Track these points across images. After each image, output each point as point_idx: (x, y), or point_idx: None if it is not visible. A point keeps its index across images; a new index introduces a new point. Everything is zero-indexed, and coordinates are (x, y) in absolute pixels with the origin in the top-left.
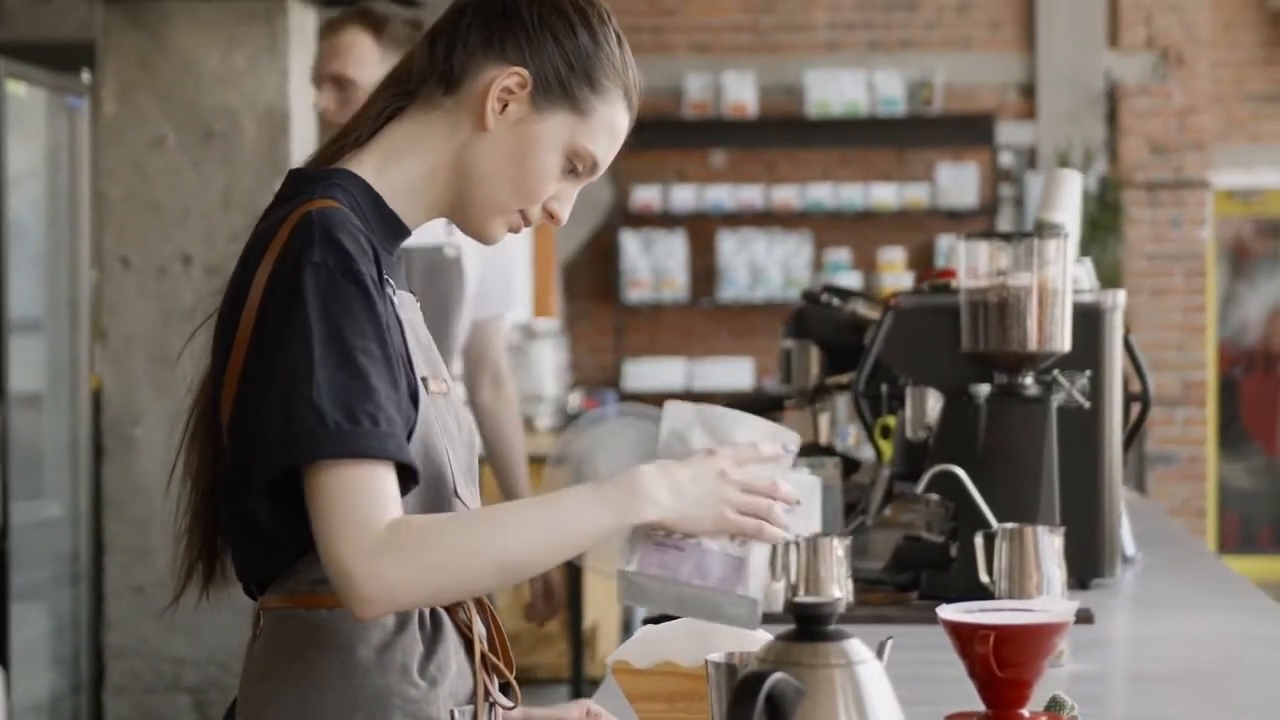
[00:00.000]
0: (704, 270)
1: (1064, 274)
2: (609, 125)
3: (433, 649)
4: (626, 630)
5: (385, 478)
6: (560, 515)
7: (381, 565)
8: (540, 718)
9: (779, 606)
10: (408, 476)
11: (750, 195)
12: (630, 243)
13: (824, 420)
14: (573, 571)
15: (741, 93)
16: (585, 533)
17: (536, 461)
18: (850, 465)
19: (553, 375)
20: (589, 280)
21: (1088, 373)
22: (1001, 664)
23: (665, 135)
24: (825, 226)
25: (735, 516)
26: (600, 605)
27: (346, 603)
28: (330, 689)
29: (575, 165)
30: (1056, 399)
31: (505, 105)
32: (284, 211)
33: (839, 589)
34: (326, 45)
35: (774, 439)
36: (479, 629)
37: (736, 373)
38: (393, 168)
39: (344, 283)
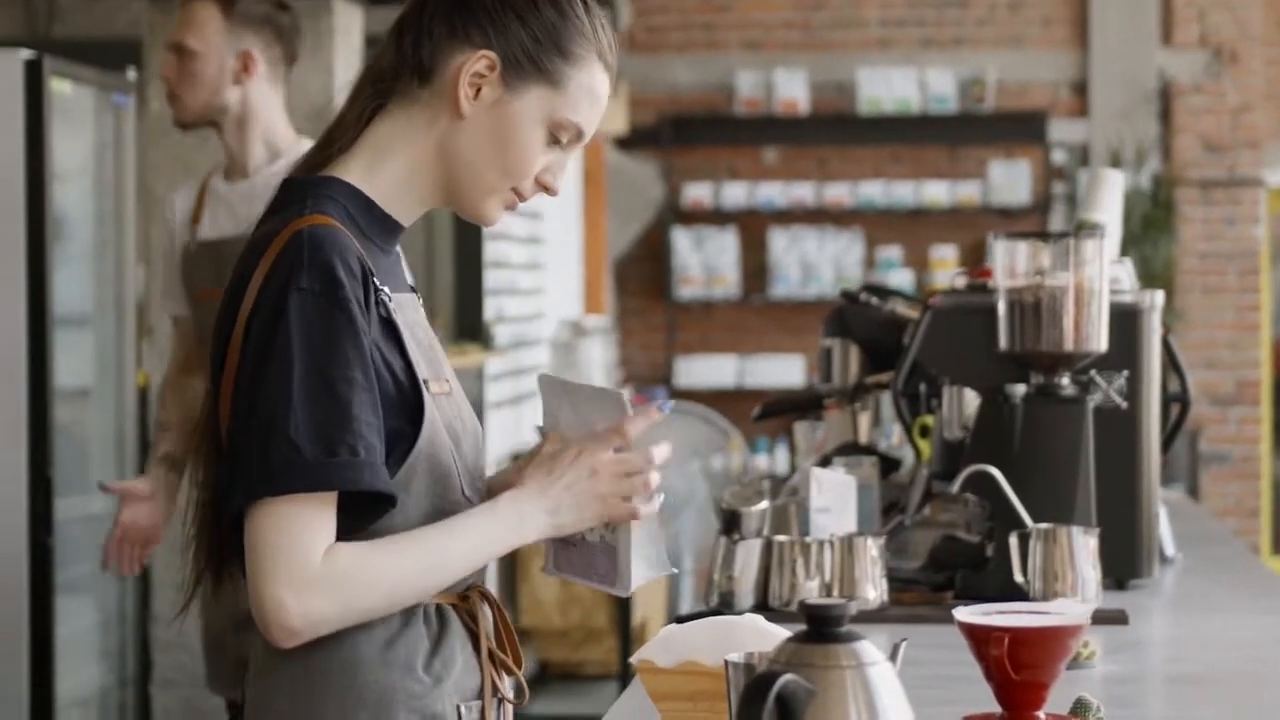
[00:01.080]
0: (755, 267)
1: (1101, 274)
2: (588, 91)
3: (438, 645)
4: None
5: (325, 510)
6: (467, 539)
7: (312, 600)
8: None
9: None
10: (386, 502)
11: (802, 192)
12: (682, 240)
13: (863, 419)
14: None
15: (793, 90)
16: (488, 554)
17: None
18: (890, 464)
19: (602, 372)
20: (640, 277)
21: (1125, 373)
22: (1016, 666)
23: (717, 132)
24: (877, 224)
25: (614, 506)
26: (649, 602)
27: (265, 630)
28: (333, 686)
29: (559, 136)
30: (1093, 399)
31: (478, 90)
32: (277, 223)
33: (873, 588)
34: (179, 14)
35: (626, 411)
36: (486, 625)
37: (787, 370)
38: (380, 168)
39: (329, 309)
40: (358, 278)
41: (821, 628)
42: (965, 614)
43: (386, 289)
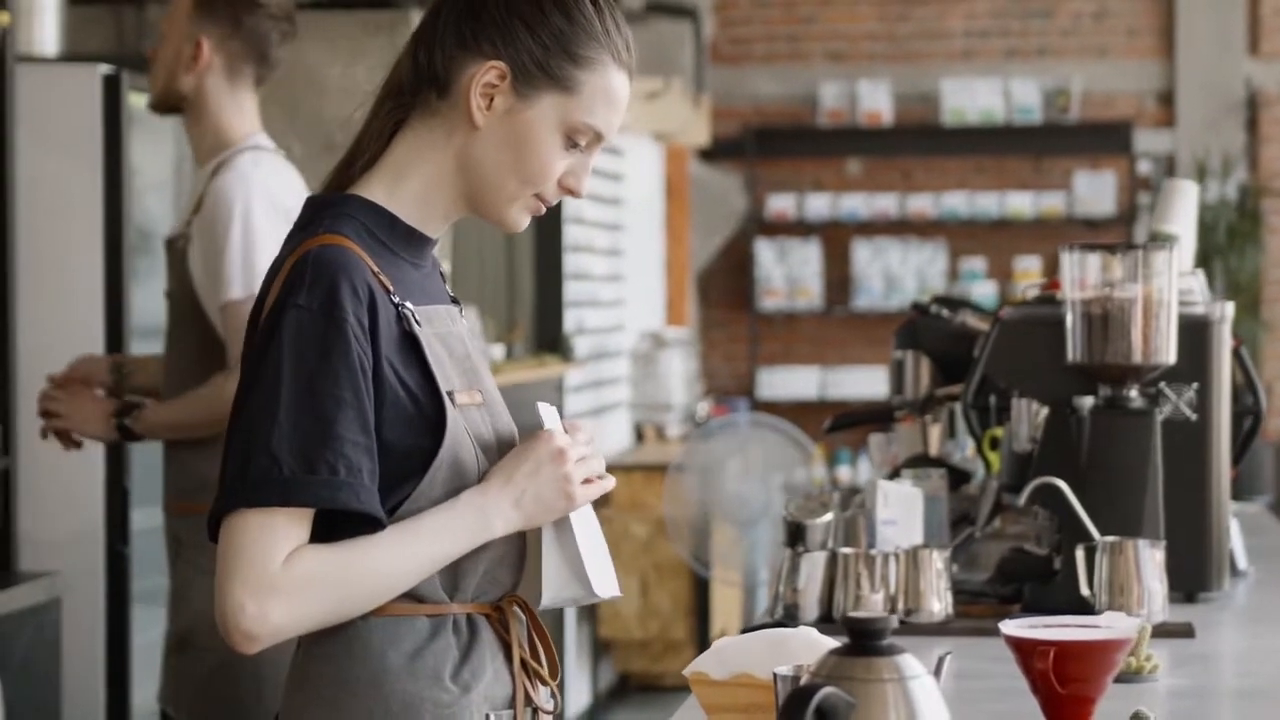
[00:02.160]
0: (839, 279)
1: (1170, 285)
2: (603, 94)
3: (467, 654)
4: None
5: (294, 525)
6: (427, 540)
7: (270, 605)
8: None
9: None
10: (372, 523)
11: (885, 203)
12: (765, 251)
13: (935, 431)
14: (700, 583)
15: (877, 101)
16: (447, 553)
17: (663, 470)
18: (960, 477)
19: (681, 384)
20: (724, 289)
21: (1195, 385)
22: (1062, 680)
23: (800, 144)
24: (960, 235)
25: (582, 490)
26: (727, 613)
27: (226, 634)
28: (361, 695)
29: (577, 140)
30: (1162, 411)
31: (491, 100)
32: (294, 243)
33: (938, 601)
34: None
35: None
36: (518, 634)
37: (870, 381)
38: (403, 182)
39: (324, 327)
40: (361, 297)
41: (863, 641)
42: (1011, 627)
43: (409, 303)
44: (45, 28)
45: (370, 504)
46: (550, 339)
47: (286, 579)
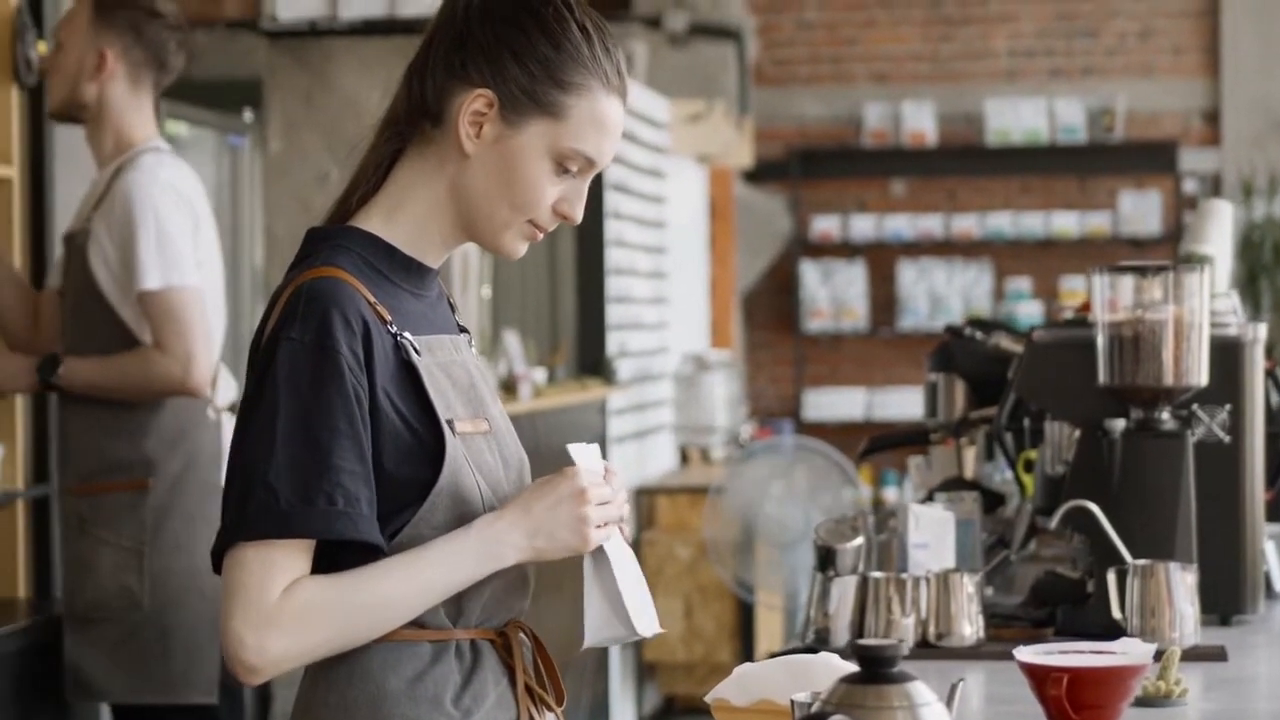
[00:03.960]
0: (884, 299)
1: (1202, 307)
2: (591, 119)
3: (469, 680)
4: None
5: (295, 555)
6: (432, 568)
7: (269, 638)
8: None
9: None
10: (372, 552)
11: (930, 224)
12: (810, 272)
13: (969, 454)
14: (744, 606)
15: (921, 121)
16: (453, 582)
17: (706, 492)
18: (994, 500)
19: (725, 406)
20: (768, 310)
21: (1227, 407)
22: (1076, 706)
23: (845, 165)
24: (1006, 255)
25: (596, 533)
26: (772, 636)
27: (230, 666)
28: (360, 718)
29: (568, 166)
30: (1194, 434)
31: (480, 128)
32: (292, 276)
33: (969, 625)
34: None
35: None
36: (523, 659)
37: (916, 402)
38: (401, 213)
39: (317, 358)
40: (355, 329)
41: (874, 668)
42: (1025, 653)
43: (408, 332)
44: None
45: (369, 533)
46: (593, 362)
47: (284, 610)
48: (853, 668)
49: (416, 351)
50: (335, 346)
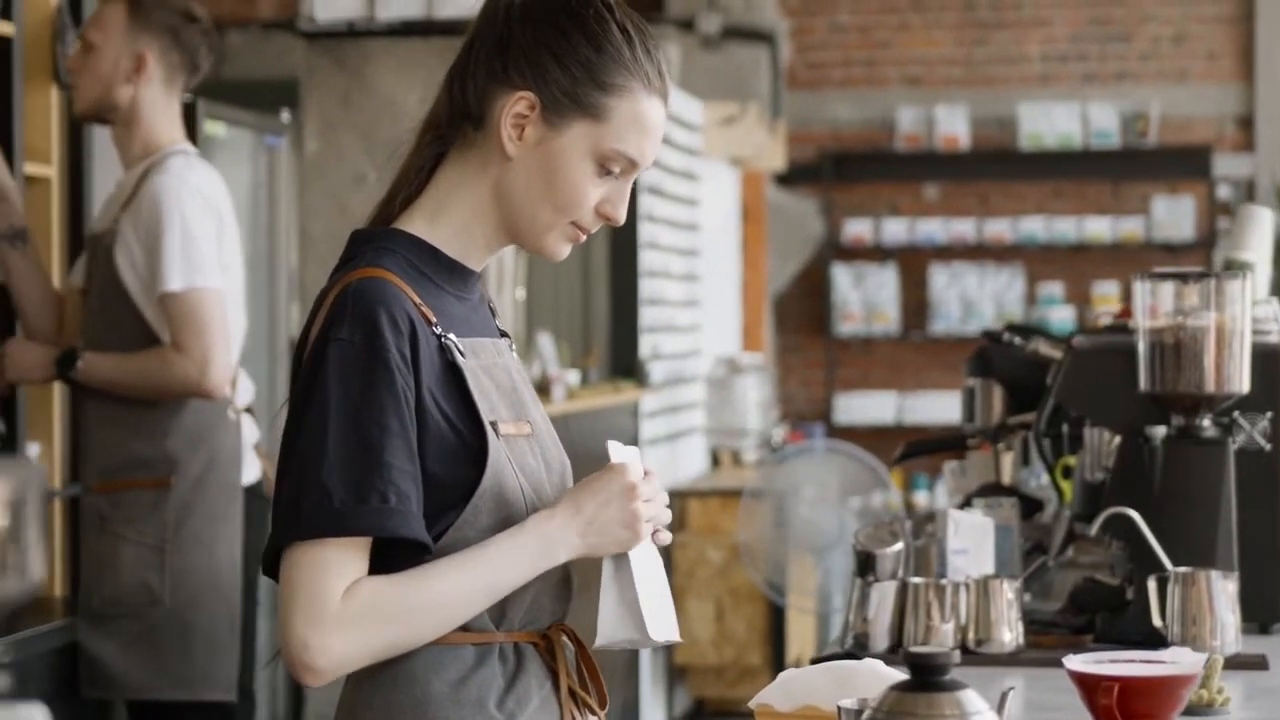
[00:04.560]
0: (916, 303)
1: (1244, 314)
2: (633, 120)
3: (513, 683)
4: None
5: (355, 554)
6: (489, 567)
7: (333, 639)
8: None
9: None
10: (421, 550)
11: (962, 228)
12: (841, 276)
13: (1007, 460)
14: (775, 609)
15: (954, 126)
16: (510, 581)
17: (739, 495)
18: (1032, 505)
19: (757, 409)
20: (800, 313)
21: (1269, 414)
22: (1127, 716)
23: (877, 168)
24: (1038, 260)
25: (643, 529)
26: (803, 640)
27: (292, 669)
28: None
29: (610, 167)
30: (1235, 441)
31: (522, 130)
32: (337, 278)
33: (1008, 631)
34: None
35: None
36: (566, 663)
37: (947, 407)
38: (444, 215)
39: (366, 358)
40: (402, 328)
41: (925, 676)
42: (1075, 662)
43: (453, 335)
44: None
45: (420, 531)
46: (625, 364)
47: (347, 611)
48: (897, 674)
49: (461, 353)
50: (384, 346)
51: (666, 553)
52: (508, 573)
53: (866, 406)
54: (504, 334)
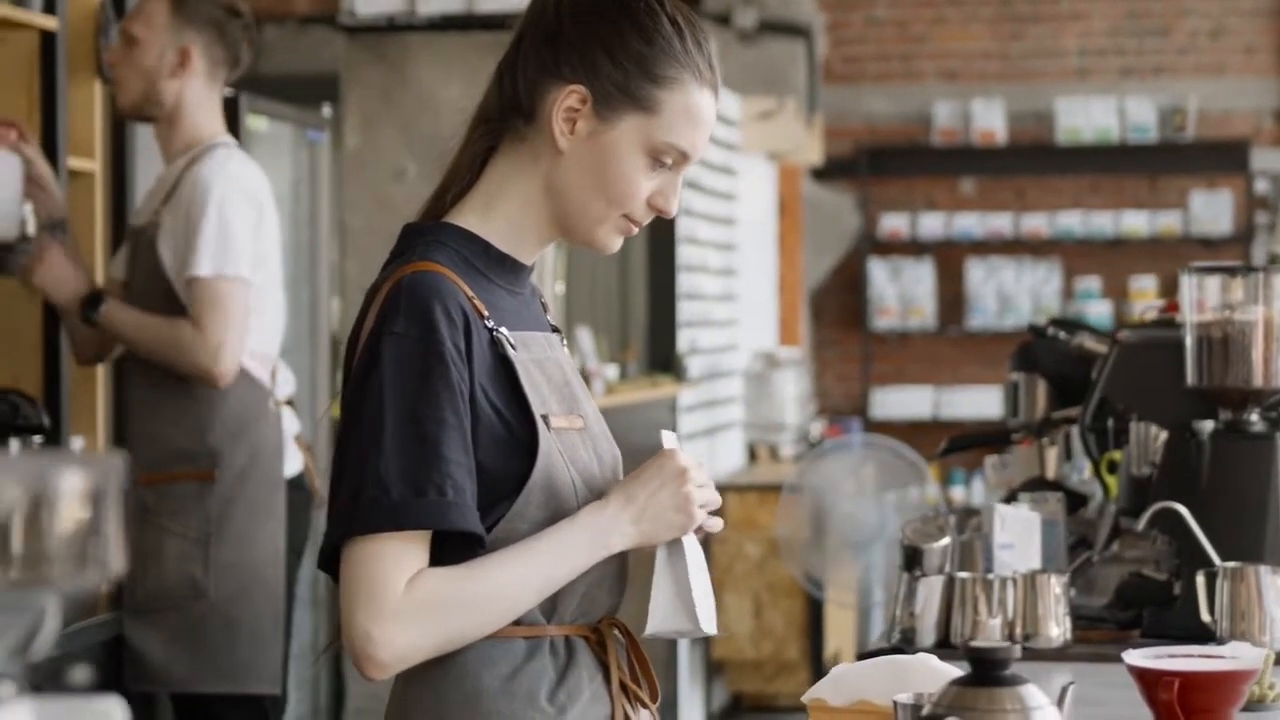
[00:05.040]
0: (952, 298)
1: None
2: (684, 113)
3: (564, 676)
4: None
5: (416, 548)
6: (546, 558)
7: (396, 632)
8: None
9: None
10: (475, 543)
11: (999, 223)
12: (878, 270)
13: (1051, 454)
14: (814, 604)
15: (991, 120)
16: (566, 572)
17: (777, 490)
18: (1077, 500)
19: (794, 404)
20: (836, 308)
21: None
22: (1188, 711)
23: (914, 163)
24: (1075, 254)
25: (695, 513)
26: (841, 634)
27: (356, 663)
28: (457, 716)
29: (661, 159)
30: None
31: (574, 123)
32: (389, 272)
33: (1056, 626)
34: (136, 4)
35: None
36: (617, 656)
37: (984, 402)
38: (495, 209)
39: (421, 352)
40: (457, 321)
41: (986, 671)
42: (1135, 657)
43: (504, 328)
44: None
45: (476, 523)
46: (663, 359)
47: (409, 604)
48: (951, 669)
49: (512, 346)
50: (439, 339)
51: (703, 546)
52: (563, 564)
53: (903, 401)
54: (555, 329)
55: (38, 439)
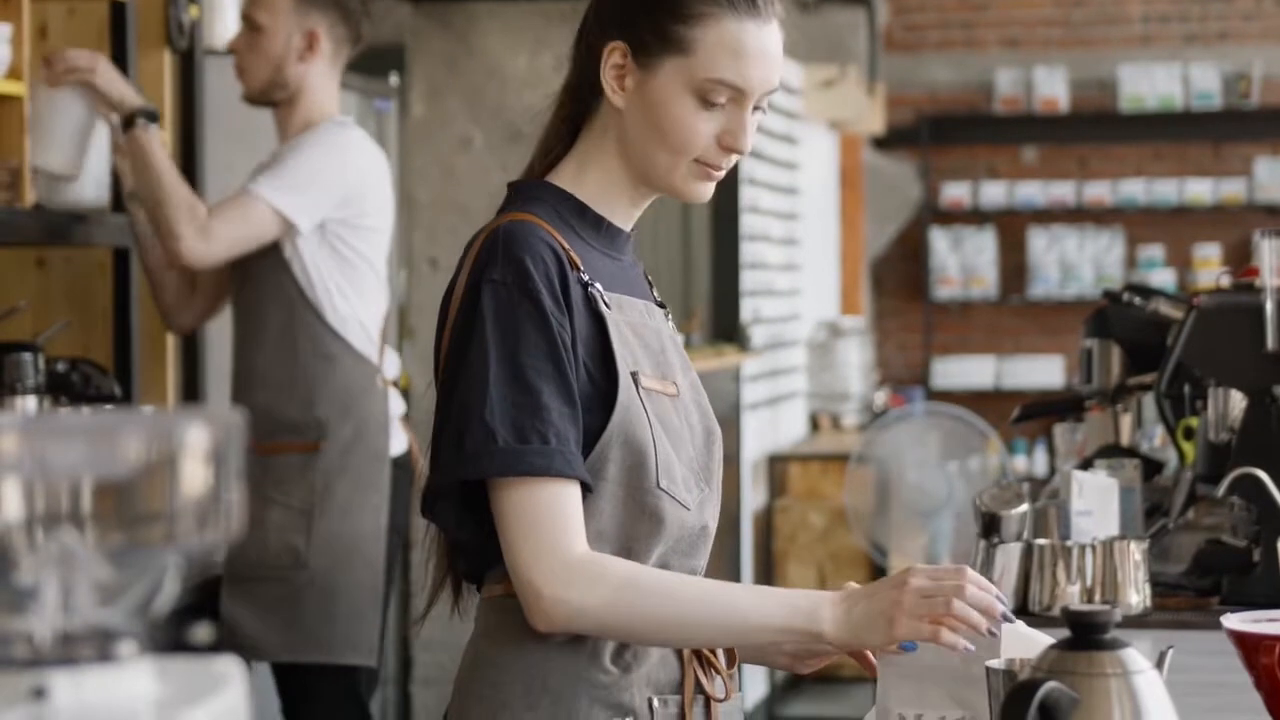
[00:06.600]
0: (1014, 267)
1: None
2: (722, 46)
3: None
4: None
5: (568, 498)
6: (742, 605)
7: (570, 593)
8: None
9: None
10: (582, 489)
11: (1061, 191)
12: (939, 240)
13: (1125, 421)
14: (878, 573)
15: (1053, 88)
16: (756, 627)
17: (840, 459)
18: (1152, 467)
19: (858, 373)
20: (898, 277)
21: None
22: None
23: (975, 131)
24: (1138, 223)
25: (909, 625)
26: None
27: (529, 615)
28: (520, 673)
29: (713, 99)
30: None
31: (622, 80)
32: (489, 225)
33: (1136, 593)
34: None
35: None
36: None
37: (1046, 371)
38: (587, 172)
39: (520, 300)
40: (552, 269)
41: (1085, 635)
42: (1234, 621)
43: (599, 284)
44: (230, 22)
45: (582, 471)
46: (727, 329)
47: (589, 571)
48: (1041, 636)
49: (606, 304)
50: (536, 286)
51: (766, 516)
52: (762, 611)
53: (965, 371)
54: (661, 304)
55: (109, 410)
